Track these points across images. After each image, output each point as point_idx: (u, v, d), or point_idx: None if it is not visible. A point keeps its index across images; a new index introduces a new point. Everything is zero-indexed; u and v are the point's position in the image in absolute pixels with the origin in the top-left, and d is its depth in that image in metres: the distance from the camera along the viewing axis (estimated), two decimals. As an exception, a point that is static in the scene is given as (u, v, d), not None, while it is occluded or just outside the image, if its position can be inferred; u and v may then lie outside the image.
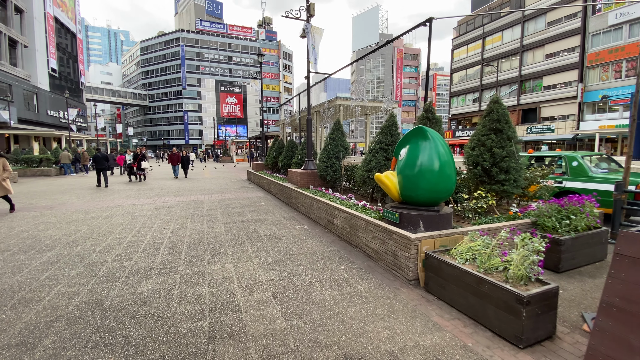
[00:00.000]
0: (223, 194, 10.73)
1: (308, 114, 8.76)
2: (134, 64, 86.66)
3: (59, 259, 4.50)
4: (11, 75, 31.01)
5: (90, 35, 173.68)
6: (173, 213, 7.63)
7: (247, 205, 8.63)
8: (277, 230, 5.94)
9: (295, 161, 10.16)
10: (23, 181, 16.10)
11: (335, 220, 5.45)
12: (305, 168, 8.69)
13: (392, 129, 5.88)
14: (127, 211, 7.87)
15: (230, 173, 20.76)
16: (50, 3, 39.48)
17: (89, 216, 7.29)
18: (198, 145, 73.33)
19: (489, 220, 4.35)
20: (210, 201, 9.31)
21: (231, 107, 72.60)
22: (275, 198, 9.85)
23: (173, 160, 17.13)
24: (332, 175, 7.46)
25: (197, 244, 5.17)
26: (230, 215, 7.36)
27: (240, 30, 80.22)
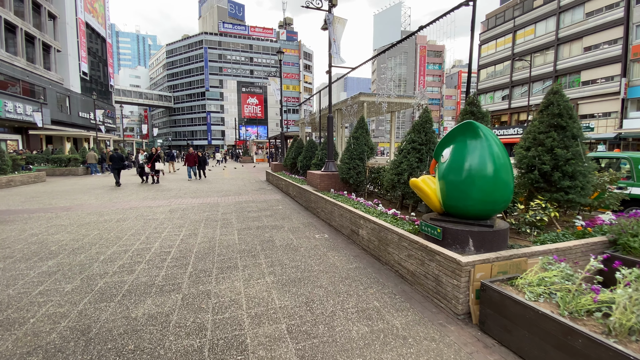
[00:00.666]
0: (240, 196, 10.31)
1: (329, 111, 8.13)
2: (160, 66, 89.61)
3: (59, 269, 4.13)
4: (45, 79, 32.51)
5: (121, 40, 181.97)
6: (187, 217, 7.24)
7: (264, 209, 8.12)
8: (294, 240, 5.35)
9: (315, 162, 9.56)
10: (51, 180, 16.55)
11: (361, 231, 4.77)
12: (325, 170, 8.06)
13: (427, 126, 5.13)
14: (141, 214, 7.57)
15: (250, 174, 20.51)
16: (81, 9, 41.21)
17: (102, 219, 7.03)
18: (220, 146, 74.63)
19: (553, 238, 3.52)
20: (226, 204, 8.88)
21: (252, 108, 73.28)
22: (293, 201, 9.30)
23: (189, 161, 15.92)
24: (355, 178, 6.78)
25: (206, 254, 4.67)
26: (245, 220, 6.85)
27: (261, 31, 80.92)
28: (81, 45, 41.14)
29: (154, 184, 14.19)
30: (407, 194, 5.07)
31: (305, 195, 7.98)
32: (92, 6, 44.85)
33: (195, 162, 15.97)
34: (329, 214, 6.19)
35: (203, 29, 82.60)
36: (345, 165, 6.82)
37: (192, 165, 15.89)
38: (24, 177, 14.46)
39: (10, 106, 26.23)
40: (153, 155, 14.33)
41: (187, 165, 15.92)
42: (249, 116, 71.88)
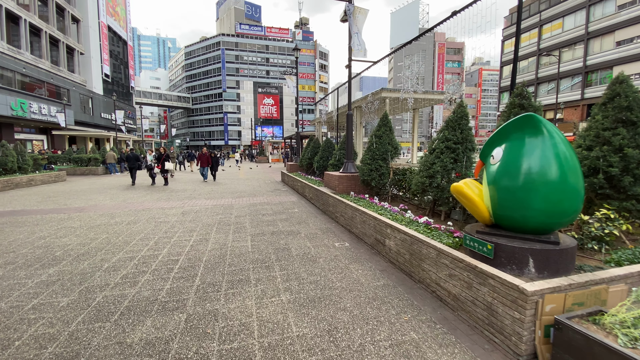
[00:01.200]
0: (255, 198, 9.93)
1: (348, 108, 7.61)
2: (179, 68, 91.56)
3: (59, 278, 3.81)
4: (69, 81, 33.52)
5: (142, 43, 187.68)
6: (199, 219, 6.89)
7: (279, 212, 7.69)
8: (312, 248, 4.86)
9: (333, 162, 9.06)
10: (71, 179, 16.81)
11: (388, 241, 4.24)
12: (344, 171, 7.54)
13: (462, 122, 4.53)
14: (153, 216, 7.29)
15: (265, 174, 20.24)
16: (104, 12, 42.38)
17: (113, 221, 6.78)
18: (237, 146, 75.38)
19: (630, 257, 2.87)
20: (240, 206, 8.52)
21: (268, 108, 73.63)
22: (310, 204, 8.83)
23: (202, 162, 15.12)
24: (377, 181, 6.23)
25: (217, 263, 4.26)
26: (259, 224, 6.43)
27: (277, 31, 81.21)
28: (103, 48, 42.30)
29: (165, 185, 13.49)
30: (442, 200, 4.48)
31: (323, 198, 7.50)
32: (114, 10, 46.10)
33: (209, 163, 15.15)
34: (350, 220, 5.68)
35: (220, 30, 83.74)
36: (366, 167, 6.28)
37: (205, 165, 15.18)
38: (45, 177, 14.69)
39: (35, 107, 27.10)
40: (162, 156, 13.44)
41: (200, 165, 15.28)
42: (265, 116, 72.24)
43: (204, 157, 15.08)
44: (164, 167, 13.21)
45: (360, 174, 6.63)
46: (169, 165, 13.45)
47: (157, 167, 13.56)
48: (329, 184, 7.93)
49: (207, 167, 15.15)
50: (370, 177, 6.24)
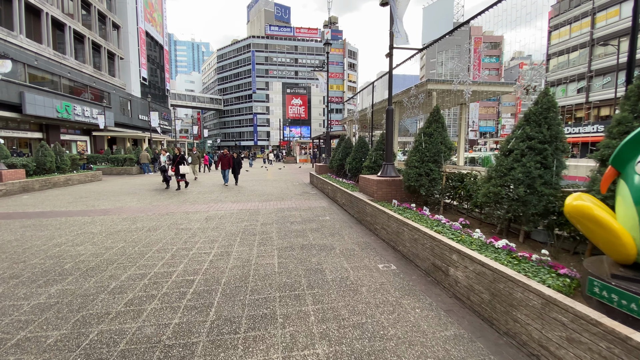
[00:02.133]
0: (282, 202, 9.25)
1: (389, 103, 6.66)
2: (211, 71, 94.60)
3: (58, 301, 3.27)
4: (110, 84, 35.23)
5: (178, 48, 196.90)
6: (222, 227, 6.29)
7: (309, 219, 6.91)
8: (350, 271, 4.01)
9: (368, 165, 8.13)
10: (107, 179, 17.27)
11: (453, 271, 3.28)
12: (383, 174, 6.60)
13: (550, 116, 3.46)
14: (175, 221, 6.81)
15: (293, 175, 19.67)
16: (142, 19, 44.31)
17: (134, 226, 6.36)
18: (265, 146, 76.28)
19: None
20: (267, 211, 7.85)
21: (296, 109, 73.79)
22: (342, 210, 7.97)
23: (223, 163, 13.73)
24: (428, 188, 5.23)
25: (237, 288, 3.53)
26: (287, 235, 5.68)
27: (306, 32, 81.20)
28: (141, 52, 44.22)
29: (178, 190, 11.88)
30: (525, 216, 3.43)
31: (358, 205, 6.62)
32: (151, 16, 48.13)
33: (230, 165, 13.72)
34: (394, 235, 4.75)
35: (251, 32, 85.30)
36: (413, 170, 5.30)
37: (226, 168, 13.74)
38: (81, 176, 15.09)
39: (79, 110, 28.59)
40: (177, 157, 11.92)
41: (221, 168, 13.89)
42: (293, 117, 72.43)
43: (225, 158, 13.82)
44: (178, 171, 11.82)
45: (405, 179, 5.67)
46: (184, 168, 11.91)
47: (171, 169, 12.05)
48: (365, 189, 7.03)
49: (228, 170, 13.85)
50: (418, 183, 5.25)
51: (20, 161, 12.33)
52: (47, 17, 26.05)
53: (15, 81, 22.64)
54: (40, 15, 25.67)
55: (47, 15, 26.03)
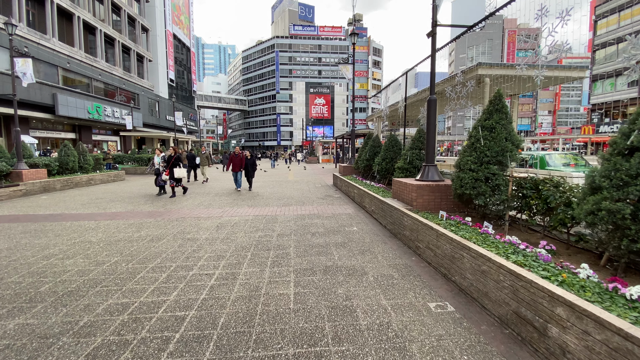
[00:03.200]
0: (303, 207, 8.31)
1: (431, 92, 5.52)
2: (237, 72, 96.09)
3: (8, 344, 2.49)
4: (139, 86, 36.11)
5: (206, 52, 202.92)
6: (234, 238, 5.44)
7: (333, 230, 5.91)
8: (392, 313, 2.95)
9: (402, 166, 7.00)
10: (130, 179, 17.21)
11: (559, 334, 2.14)
12: (424, 178, 5.47)
13: None
14: (183, 230, 6.05)
15: (316, 175, 18.76)
16: (170, 22, 45.26)
17: (137, 235, 5.66)
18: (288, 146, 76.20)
19: None
20: (285, 218, 6.94)
21: (319, 108, 73.05)
22: (371, 219, 6.90)
23: (234, 165, 11.49)
24: (489, 196, 4.04)
25: (238, 336, 2.60)
26: (307, 251, 4.71)
27: (330, 30, 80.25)
28: (169, 54, 45.19)
29: (172, 197, 9.99)
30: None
31: (392, 215, 5.54)
32: (178, 19, 49.14)
33: (242, 167, 11.59)
34: (447, 260, 3.63)
35: (275, 33, 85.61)
36: (469, 175, 4.13)
37: (237, 170, 11.49)
38: (104, 176, 15.01)
39: (109, 111, 29.36)
40: (172, 158, 9.99)
41: (232, 170, 11.62)
42: (316, 116, 71.75)
43: (237, 159, 11.51)
44: (172, 174, 9.88)
45: (456, 185, 4.50)
46: (179, 172, 9.91)
47: (165, 173, 9.90)
48: (400, 196, 5.93)
49: (240, 172, 11.60)
50: (475, 191, 4.06)
51: (43, 161, 12.28)
52: (78, 21, 26.87)
53: (48, 83, 23.44)
54: (72, 19, 26.52)
55: (78, 19, 26.84)
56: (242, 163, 11.56)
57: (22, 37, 21.61)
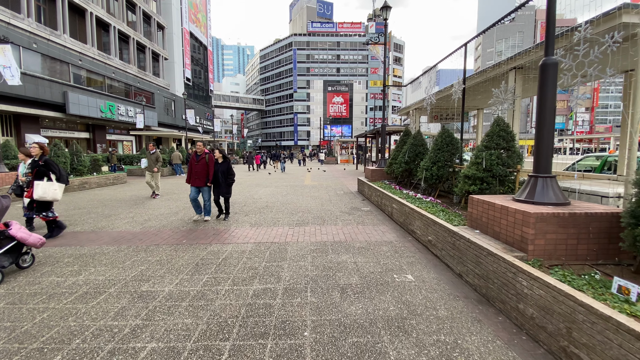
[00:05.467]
0: (324, 227, 6.11)
1: (547, 52, 3.21)
2: (255, 72, 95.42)
3: None
4: (154, 85, 35.19)
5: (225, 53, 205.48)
6: (211, 297, 3.31)
7: (376, 282, 3.66)
8: None
9: (474, 174, 4.66)
10: (133, 181, 15.63)
11: None
12: (534, 198, 3.13)
13: None
14: (140, 275, 4.00)
15: (336, 179, 16.53)
16: (186, 19, 44.36)
17: (68, 283, 3.65)
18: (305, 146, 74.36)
19: None
20: (299, 249, 4.76)
21: (337, 107, 70.73)
22: (428, 254, 4.60)
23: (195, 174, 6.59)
24: None
25: None
26: (336, 344, 2.51)
27: (349, 26, 77.75)
28: (185, 53, 44.30)
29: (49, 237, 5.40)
30: None
31: (481, 262, 3.22)
32: (195, 16, 48.27)
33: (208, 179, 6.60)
34: None
35: (293, 31, 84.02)
36: None
37: (199, 184, 6.57)
38: (101, 179, 13.46)
39: (123, 109, 28.38)
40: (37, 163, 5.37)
41: (191, 184, 6.62)
42: (334, 115, 69.46)
43: (200, 165, 6.53)
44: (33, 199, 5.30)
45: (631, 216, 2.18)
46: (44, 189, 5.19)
47: (26, 193, 5.44)
48: (487, 226, 3.60)
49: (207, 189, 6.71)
50: None
51: (26, 162, 10.73)
52: (91, 17, 25.95)
53: (59, 81, 22.50)
54: (84, 15, 25.63)
55: (91, 15, 25.93)
56: (205, 172, 6.50)
57: (31, 33, 20.68)
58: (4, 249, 3.72)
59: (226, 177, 6.68)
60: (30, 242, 3.92)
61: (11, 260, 3.84)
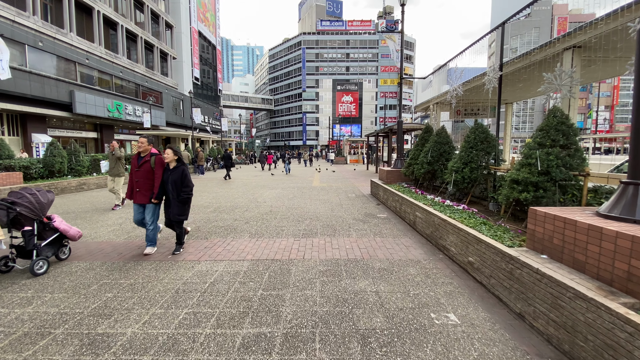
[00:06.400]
0: (335, 239, 5.21)
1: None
2: (263, 71, 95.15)
3: None
4: (162, 84, 34.89)
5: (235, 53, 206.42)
6: (195, 329, 2.48)
7: (407, 321, 2.75)
8: None
9: (526, 178, 3.70)
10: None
11: None
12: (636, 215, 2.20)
13: None
14: (105, 306, 3.19)
15: (346, 180, 15.60)
16: (195, 19, 44.04)
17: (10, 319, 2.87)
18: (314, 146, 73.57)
19: None
20: (305, 271, 3.86)
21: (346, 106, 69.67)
22: (469, 279, 3.65)
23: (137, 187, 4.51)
24: None
25: None
26: None
27: (359, 24, 76.60)
28: (194, 52, 43.99)
29: None
30: None
31: (562, 307, 2.29)
32: (204, 15, 47.97)
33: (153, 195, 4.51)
34: None
35: (302, 30, 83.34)
36: None
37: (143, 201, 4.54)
38: (101, 180, 12.87)
39: (130, 109, 28.06)
40: None
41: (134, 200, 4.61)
42: (344, 115, 68.44)
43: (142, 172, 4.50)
44: None
45: None
46: None
47: None
48: (562, 252, 2.64)
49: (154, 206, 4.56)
50: None
51: (20, 162, 10.19)
52: (98, 15, 25.65)
53: (65, 80, 22.22)
54: (91, 13, 25.35)
55: (98, 14, 25.63)
56: (149, 182, 4.52)
57: (36, 31, 20.40)
58: (49, 240, 4.01)
59: (179, 190, 4.37)
60: (70, 234, 4.20)
61: (53, 251, 4.12)
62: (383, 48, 75.97)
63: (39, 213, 3.90)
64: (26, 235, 3.76)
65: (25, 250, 3.79)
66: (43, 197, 4.00)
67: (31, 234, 3.78)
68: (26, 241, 3.76)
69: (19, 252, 3.85)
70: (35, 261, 3.75)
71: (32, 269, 3.72)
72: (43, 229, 3.96)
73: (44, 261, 3.85)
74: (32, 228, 3.81)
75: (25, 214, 3.77)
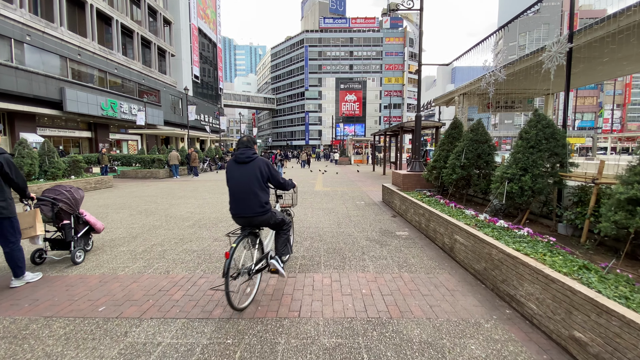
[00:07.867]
0: (345, 275, 3.76)
1: None
2: (266, 70, 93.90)
3: None
4: (160, 82, 33.64)
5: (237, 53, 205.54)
6: None
7: None
8: None
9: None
10: (122, 185, 13.66)
11: None
12: None
13: None
14: None
15: (352, 183, 14.15)
16: (194, 15, 42.77)
17: None
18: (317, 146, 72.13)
19: None
20: (298, 342, 2.45)
21: (350, 105, 68.17)
22: (563, 353, 2.23)
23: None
24: None
25: None
26: None
27: (363, 21, 75.06)
28: (193, 49, 42.74)
29: None
30: None
31: None
32: (204, 12, 46.71)
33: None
34: None
35: (305, 27, 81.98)
36: None
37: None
38: (79, 183, 11.54)
39: (126, 107, 26.85)
40: None
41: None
42: (347, 114, 66.97)
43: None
44: None
45: None
46: None
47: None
48: None
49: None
50: None
51: (-21, 165, 8.85)
52: (91, 10, 24.44)
53: (55, 76, 20.99)
54: (84, 7, 24.14)
55: (91, 8, 24.42)
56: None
57: (24, 25, 19.16)
58: (81, 232, 4.34)
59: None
60: (98, 227, 4.56)
61: (84, 242, 4.47)
62: (387, 46, 74.30)
63: (75, 208, 4.20)
64: (66, 228, 4.08)
65: (64, 242, 4.12)
66: (76, 193, 4.32)
67: (70, 227, 4.11)
68: (66, 234, 4.09)
69: (54, 244, 4.16)
70: (75, 251, 4.07)
71: (73, 259, 4.03)
72: (77, 222, 4.28)
73: (81, 251, 4.18)
74: (70, 222, 4.13)
75: (65, 209, 4.07)
